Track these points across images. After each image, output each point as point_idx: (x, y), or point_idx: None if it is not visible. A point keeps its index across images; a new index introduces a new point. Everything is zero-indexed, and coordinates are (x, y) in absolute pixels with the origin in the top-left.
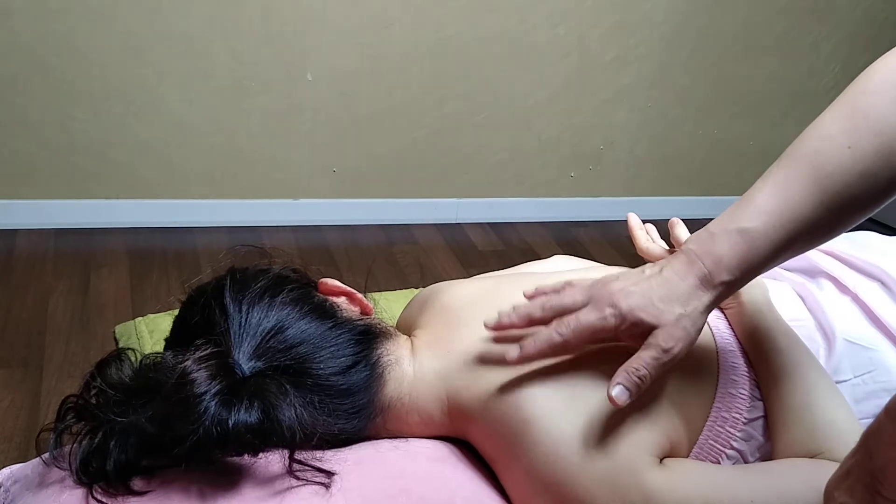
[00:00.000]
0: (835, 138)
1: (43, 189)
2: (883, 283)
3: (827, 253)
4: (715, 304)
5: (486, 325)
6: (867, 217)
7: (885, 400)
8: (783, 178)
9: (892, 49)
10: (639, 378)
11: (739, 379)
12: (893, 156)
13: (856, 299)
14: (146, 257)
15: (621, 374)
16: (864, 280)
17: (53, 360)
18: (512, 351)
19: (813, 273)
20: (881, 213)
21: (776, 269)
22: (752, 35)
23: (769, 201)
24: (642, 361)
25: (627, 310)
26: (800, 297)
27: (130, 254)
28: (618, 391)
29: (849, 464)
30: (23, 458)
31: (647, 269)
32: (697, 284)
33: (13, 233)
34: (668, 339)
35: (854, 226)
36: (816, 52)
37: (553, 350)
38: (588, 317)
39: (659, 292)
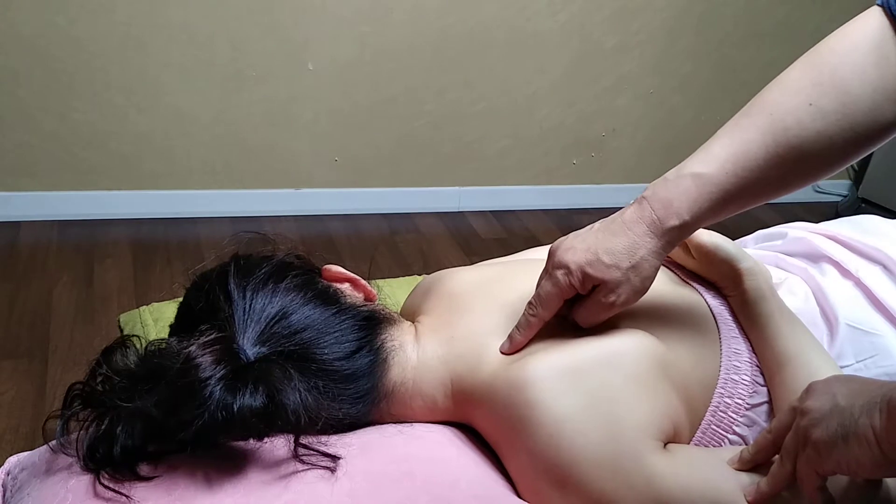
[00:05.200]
0: (799, 93)
1: (45, 181)
2: (885, 267)
3: (829, 237)
4: (667, 249)
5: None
6: (818, 179)
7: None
8: (742, 126)
9: (870, 8)
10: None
11: (742, 364)
12: (853, 119)
13: (858, 283)
14: (149, 248)
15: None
16: (867, 264)
17: (58, 351)
18: (503, 346)
19: (815, 257)
20: (884, 197)
21: (780, 256)
22: (753, 21)
23: (724, 148)
24: (584, 312)
25: (575, 268)
26: (803, 281)
27: (133, 244)
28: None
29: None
30: (29, 448)
31: (599, 222)
32: (646, 231)
33: (16, 225)
34: (609, 294)
35: (803, 187)
36: (818, 37)
37: (536, 327)
38: (546, 287)
39: (605, 245)
